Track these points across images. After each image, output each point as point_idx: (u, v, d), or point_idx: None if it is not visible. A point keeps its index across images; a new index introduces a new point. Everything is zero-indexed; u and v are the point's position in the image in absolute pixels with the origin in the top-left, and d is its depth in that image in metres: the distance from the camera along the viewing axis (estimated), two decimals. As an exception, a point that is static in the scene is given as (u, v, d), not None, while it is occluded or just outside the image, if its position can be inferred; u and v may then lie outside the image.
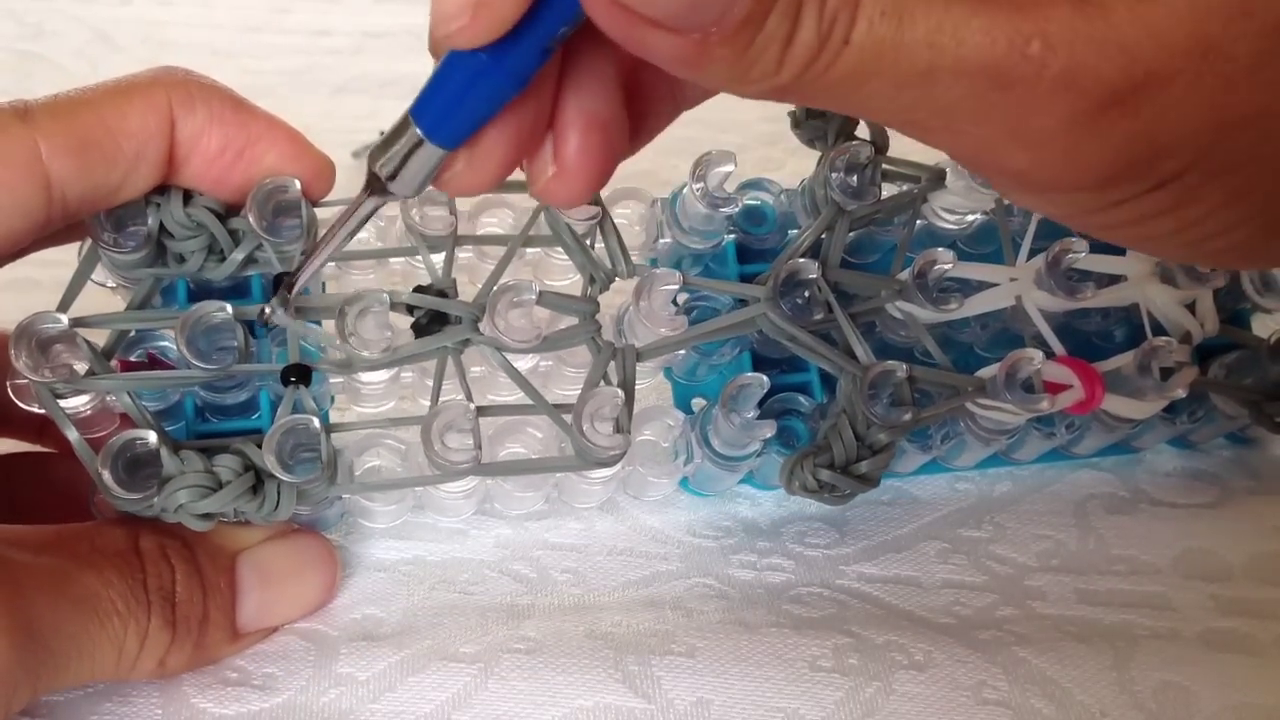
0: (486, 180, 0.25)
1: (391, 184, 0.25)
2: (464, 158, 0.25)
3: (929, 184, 0.35)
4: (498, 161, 0.25)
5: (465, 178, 0.25)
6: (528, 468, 0.32)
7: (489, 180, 0.25)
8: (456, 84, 0.23)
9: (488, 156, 0.25)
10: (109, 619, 0.28)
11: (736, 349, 0.35)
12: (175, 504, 0.29)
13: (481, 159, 0.25)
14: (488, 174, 0.25)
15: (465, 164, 0.25)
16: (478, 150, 0.24)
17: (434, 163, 0.24)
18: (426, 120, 0.24)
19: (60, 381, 0.29)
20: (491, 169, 0.25)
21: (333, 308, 0.30)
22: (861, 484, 0.32)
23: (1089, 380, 0.32)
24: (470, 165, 0.25)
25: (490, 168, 0.25)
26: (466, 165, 0.25)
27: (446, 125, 0.24)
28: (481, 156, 0.25)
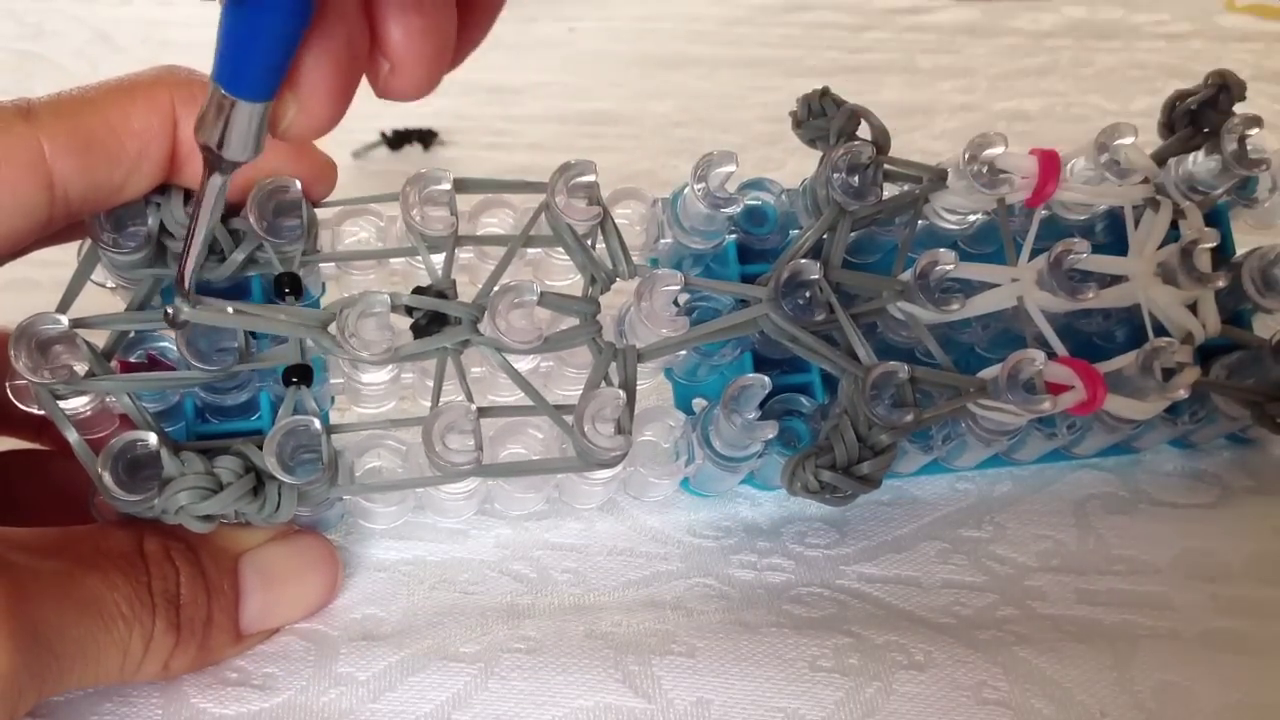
0: (325, 116, 0.25)
1: (225, 152, 0.25)
2: (291, 102, 0.24)
3: (930, 184, 0.35)
4: (327, 93, 0.24)
5: (301, 121, 0.25)
6: (529, 469, 0.32)
7: (327, 115, 0.25)
8: (239, 34, 0.23)
9: (313, 93, 0.24)
10: (114, 622, 0.28)
11: (738, 349, 0.35)
12: (176, 506, 0.29)
13: (309, 97, 0.24)
14: (322, 109, 0.25)
15: (295, 108, 0.24)
16: (302, 90, 0.24)
17: (258, 118, 0.24)
18: (226, 78, 0.24)
19: (60, 383, 0.29)
20: (324, 104, 0.25)
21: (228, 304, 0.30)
22: (863, 485, 0.32)
23: (1090, 381, 0.32)
24: (301, 107, 0.24)
25: (322, 103, 0.24)
26: (297, 109, 0.25)
27: (247, 78, 0.23)
28: (308, 95, 0.24)
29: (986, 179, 0.34)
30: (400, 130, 0.54)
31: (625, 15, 0.63)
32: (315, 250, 0.32)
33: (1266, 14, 0.63)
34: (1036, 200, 0.35)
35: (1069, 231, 0.37)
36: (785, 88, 0.36)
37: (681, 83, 0.59)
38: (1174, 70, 0.59)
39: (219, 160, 0.25)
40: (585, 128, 0.56)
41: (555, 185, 0.32)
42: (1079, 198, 0.35)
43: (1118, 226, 0.36)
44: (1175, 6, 0.63)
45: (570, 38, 0.62)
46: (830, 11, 0.63)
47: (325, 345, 0.30)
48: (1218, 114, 0.36)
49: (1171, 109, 0.37)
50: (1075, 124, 0.56)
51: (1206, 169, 0.36)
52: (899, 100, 0.57)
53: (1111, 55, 0.61)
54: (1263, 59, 0.60)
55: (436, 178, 0.31)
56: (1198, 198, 0.36)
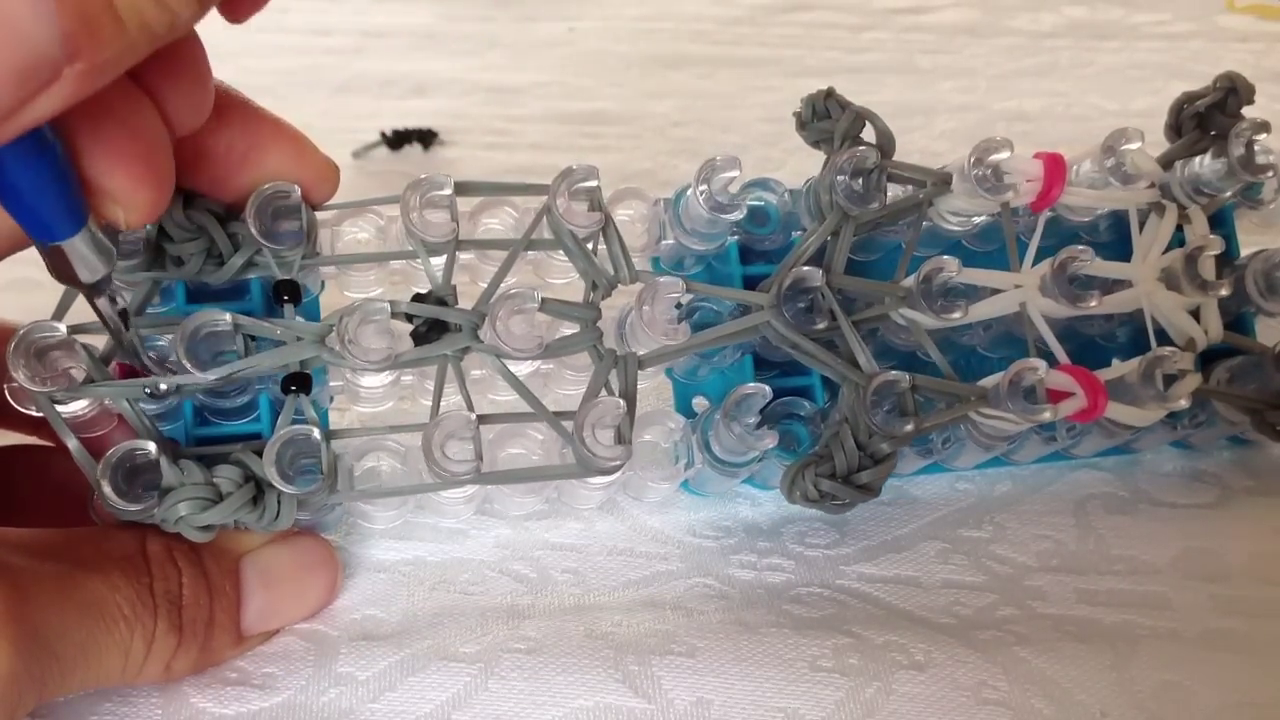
0: (148, 198, 0.25)
1: (84, 280, 0.25)
2: (110, 206, 0.25)
3: (934, 188, 0.34)
4: (132, 183, 0.24)
5: (133, 214, 0.25)
6: (528, 476, 0.32)
7: (149, 196, 0.25)
8: (6, 198, 0.23)
9: (120, 190, 0.24)
10: (115, 624, 0.28)
11: (739, 352, 0.35)
12: (175, 516, 0.29)
13: (121, 195, 0.25)
14: (141, 195, 0.25)
15: (118, 208, 0.25)
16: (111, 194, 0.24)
17: (87, 243, 0.25)
18: (36, 234, 0.24)
19: (59, 390, 0.29)
20: (138, 190, 0.25)
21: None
22: (863, 494, 0.32)
23: (1091, 389, 0.32)
24: (122, 204, 0.25)
25: (136, 191, 0.25)
26: (121, 208, 0.25)
27: (47, 225, 0.24)
28: (119, 194, 0.24)
29: (991, 183, 0.33)
30: (400, 130, 0.54)
31: (625, 15, 0.63)
32: (315, 254, 0.32)
33: (1266, 14, 0.63)
34: (1041, 204, 0.35)
35: (1073, 231, 0.37)
36: (785, 88, 0.36)
37: (681, 83, 0.59)
38: (1174, 70, 0.59)
39: (86, 288, 0.26)
40: (585, 128, 0.56)
41: (556, 190, 0.32)
42: (1084, 201, 0.35)
43: (1121, 225, 0.36)
44: (1175, 6, 0.63)
45: (570, 38, 0.62)
46: (830, 11, 0.63)
47: (324, 356, 0.30)
48: (1226, 117, 0.36)
49: (1179, 111, 0.37)
50: (1075, 124, 0.56)
51: (1213, 172, 0.36)
52: (899, 100, 0.57)
53: (1111, 55, 0.61)
54: (1263, 59, 0.60)
55: (438, 183, 0.31)
56: (1203, 200, 0.36)
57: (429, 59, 0.60)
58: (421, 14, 0.62)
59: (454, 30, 0.61)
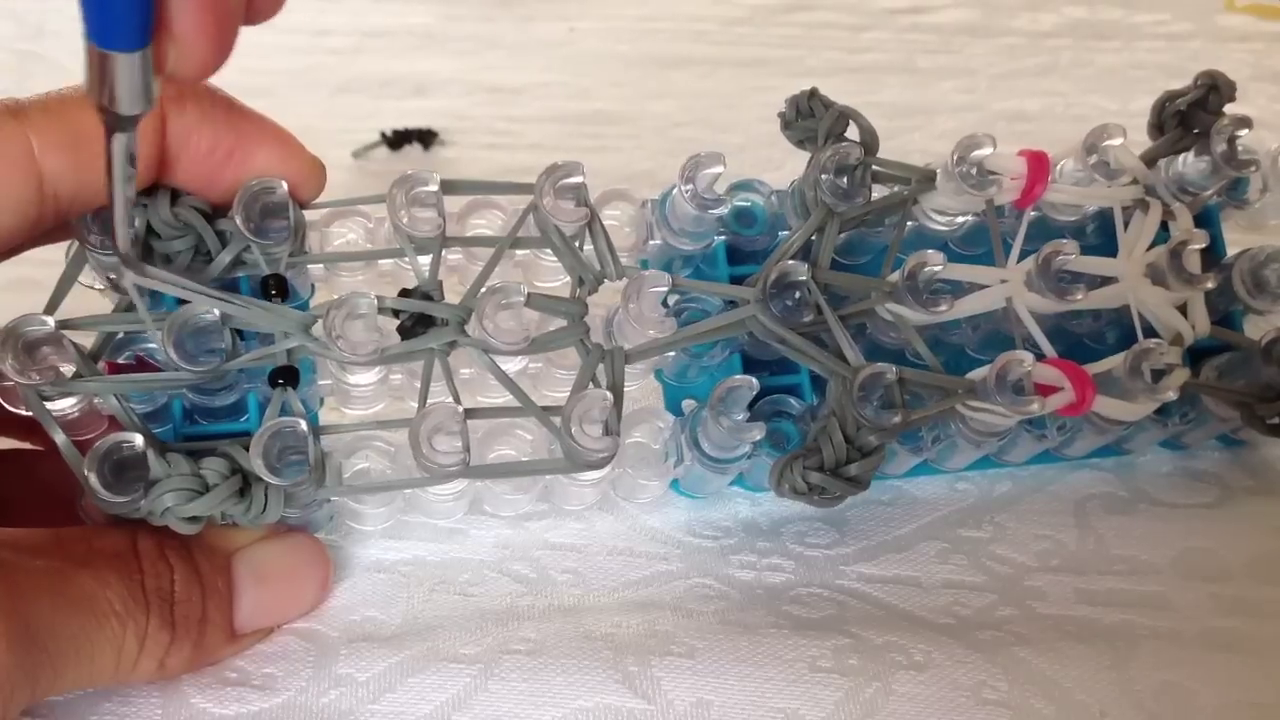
0: (204, 53, 0.24)
1: (117, 107, 0.24)
2: (169, 44, 0.24)
3: (919, 185, 0.35)
4: (200, 29, 0.24)
5: (184, 63, 0.24)
6: (516, 470, 0.32)
7: (207, 52, 0.25)
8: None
9: (186, 31, 0.24)
10: (107, 620, 0.28)
11: (727, 350, 0.35)
12: (162, 507, 0.29)
13: (183, 36, 0.24)
14: (199, 46, 0.24)
15: (174, 50, 0.24)
16: (175, 30, 0.24)
17: (139, 69, 0.24)
18: (96, 34, 0.23)
19: (47, 384, 0.29)
20: (200, 40, 0.24)
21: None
22: (851, 486, 0.32)
23: (1079, 382, 0.32)
24: (179, 48, 0.24)
25: (198, 39, 0.24)
26: (176, 51, 0.24)
27: (115, 30, 0.23)
28: (182, 34, 0.24)
29: (975, 180, 0.33)
30: (400, 130, 0.54)
31: (625, 15, 0.63)
32: (303, 251, 0.32)
33: (1266, 14, 0.63)
34: (1025, 201, 0.35)
35: (1059, 232, 0.37)
36: (785, 88, 0.36)
37: (681, 83, 0.59)
38: (1174, 70, 0.59)
39: (115, 118, 0.25)
40: (585, 128, 0.56)
41: (542, 187, 0.32)
42: (1068, 199, 0.35)
43: (1108, 227, 0.36)
44: (1175, 6, 0.63)
45: (570, 38, 0.61)
46: (830, 11, 0.63)
47: (309, 345, 0.30)
48: (1207, 115, 0.36)
49: (1161, 110, 0.37)
50: (1075, 124, 0.55)
51: (1196, 170, 0.36)
52: (899, 100, 0.57)
53: (1111, 55, 0.61)
54: (1263, 59, 0.60)
55: (423, 179, 0.31)
56: (1188, 199, 0.36)
57: (429, 59, 0.60)
58: (421, 14, 0.62)
59: (454, 30, 0.61)
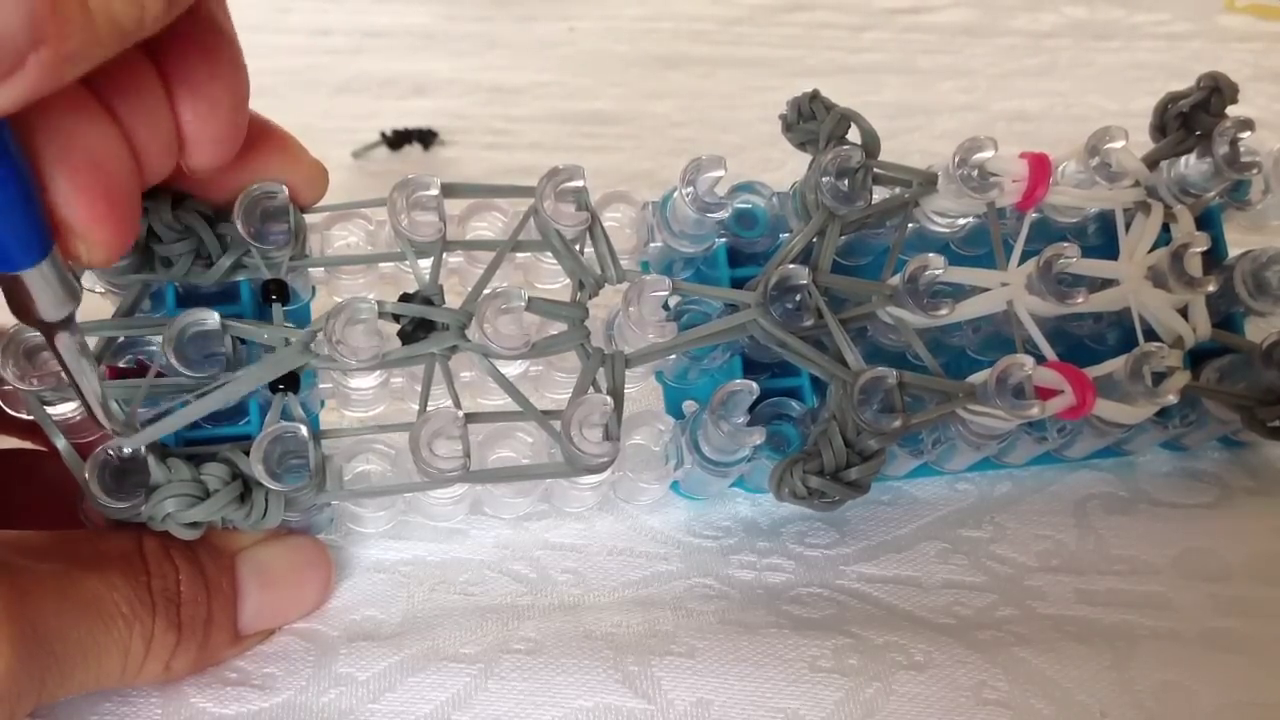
0: (112, 234, 0.24)
1: (47, 317, 0.24)
2: (73, 240, 0.24)
3: (920, 188, 0.34)
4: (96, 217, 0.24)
5: (96, 251, 0.24)
6: (516, 475, 0.32)
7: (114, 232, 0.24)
8: None
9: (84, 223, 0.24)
10: (113, 622, 0.28)
11: (728, 353, 0.35)
12: (162, 513, 0.29)
13: (84, 229, 0.24)
14: (105, 231, 0.24)
15: (81, 243, 0.24)
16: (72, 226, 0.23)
17: (50, 274, 0.23)
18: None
19: (48, 390, 0.29)
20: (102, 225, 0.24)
21: None
22: (851, 490, 0.32)
23: (1079, 386, 0.32)
24: (84, 239, 0.24)
25: (101, 225, 0.24)
26: (84, 243, 0.24)
27: (11, 252, 0.23)
28: (82, 227, 0.24)
29: (976, 182, 0.33)
30: (400, 130, 0.54)
31: (625, 15, 0.63)
32: (303, 255, 0.32)
33: (1266, 14, 0.63)
34: (1027, 204, 0.35)
35: (1060, 233, 0.37)
36: (785, 88, 0.36)
37: (681, 83, 0.59)
38: (1174, 70, 0.59)
39: (48, 326, 0.25)
40: (585, 128, 0.56)
41: (543, 190, 0.32)
42: (1070, 201, 0.35)
43: (1110, 227, 0.36)
44: (1175, 6, 0.63)
45: (570, 38, 0.61)
46: (830, 11, 0.63)
47: (313, 364, 0.30)
48: (1210, 116, 0.36)
49: (1163, 111, 0.37)
50: (1075, 124, 0.56)
51: (1198, 171, 0.36)
52: (899, 100, 0.57)
53: (1111, 55, 0.61)
54: (1263, 59, 0.60)
55: (424, 183, 0.31)
56: (1190, 200, 0.36)
57: (429, 59, 0.60)
58: (421, 14, 0.62)
59: (454, 30, 0.61)
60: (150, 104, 0.25)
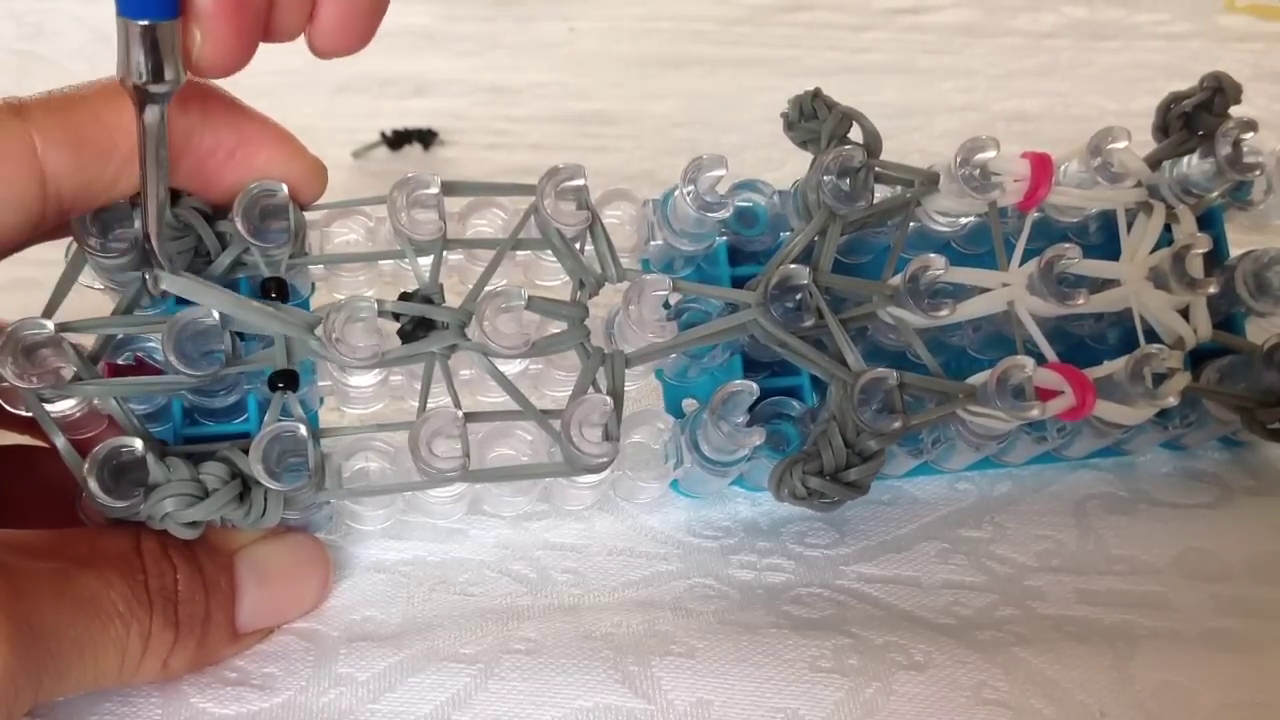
0: (229, 39, 0.26)
1: (150, 79, 0.25)
2: (195, 28, 0.25)
3: (922, 188, 0.34)
4: (224, 13, 0.25)
5: (209, 49, 0.26)
6: (515, 474, 0.32)
7: (232, 39, 0.26)
8: None
9: (211, 14, 0.25)
10: (111, 621, 0.28)
11: (728, 352, 0.35)
12: (161, 512, 0.29)
13: (208, 19, 0.25)
14: (224, 31, 0.25)
15: (200, 34, 0.25)
16: (199, 12, 0.25)
17: (167, 41, 0.25)
18: (128, 6, 0.24)
19: (47, 387, 0.29)
20: (224, 25, 0.25)
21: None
22: (850, 491, 0.32)
23: (1080, 387, 0.32)
24: (205, 32, 0.25)
25: (223, 24, 0.25)
26: (202, 35, 0.25)
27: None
28: (207, 17, 0.25)
29: (978, 182, 0.33)
30: (400, 130, 0.54)
31: (625, 15, 0.63)
32: (303, 253, 0.32)
33: (1266, 14, 0.63)
34: (1029, 204, 0.35)
35: (1062, 233, 0.37)
36: (785, 88, 0.36)
37: (681, 83, 0.59)
38: (1174, 70, 0.59)
39: (144, 93, 0.26)
40: (585, 128, 0.56)
41: (543, 189, 0.32)
42: (1071, 201, 0.35)
43: (1111, 227, 0.36)
44: (1175, 6, 0.63)
45: (570, 38, 0.62)
46: (830, 11, 0.63)
47: (312, 348, 0.30)
48: (1212, 117, 0.36)
49: (1166, 111, 0.37)
50: (1075, 124, 0.56)
51: (1201, 172, 0.36)
52: (899, 100, 0.57)
53: (1111, 55, 0.61)
54: (1263, 59, 0.60)
55: (424, 181, 0.31)
56: (1192, 200, 0.36)
57: (429, 59, 0.60)
58: (421, 14, 0.62)
59: (454, 30, 0.61)
60: None
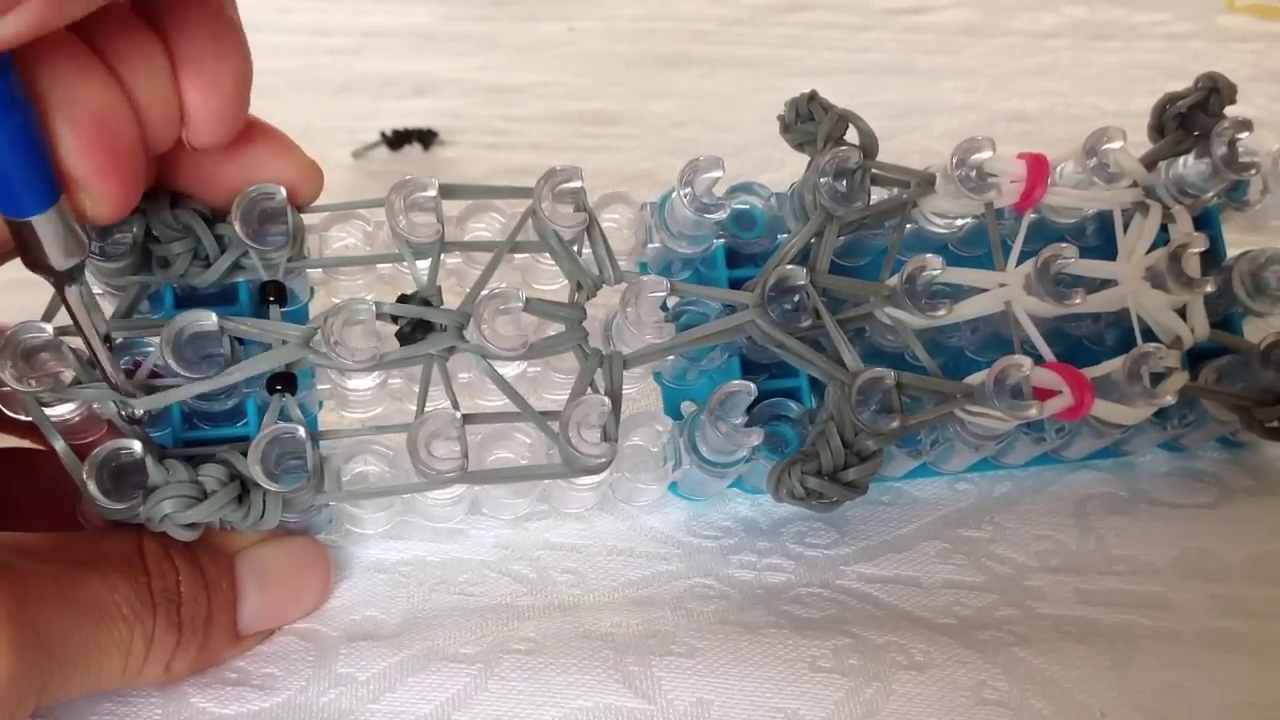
0: (116, 192, 0.25)
1: (56, 265, 0.25)
2: (79, 192, 0.24)
3: (918, 189, 0.34)
4: (100, 172, 0.24)
5: (101, 206, 0.25)
6: (514, 475, 0.32)
7: (118, 191, 0.25)
8: None
9: (89, 176, 0.24)
10: (114, 623, 0.28)
11: (726, 354, 0.35)
12: (160, 514, 0.29)
13: (89, 182, 0.24)
14: (109, 187, 0.25)
15: (86, 196, 0.25)
16: (78, 178, 0.24)
17: (56, 223, 0.24)
18: (7, 208, 0.24)
19: (45, 391, 0.29)
20: (106, 181, 0.25)
21: None
22: (849, 491, 0.32)
23: (1078, 386, 0.32)
24: (89, 193, 0.25)
25: (105, 181, 0.25)
26: (88, 197, 0.25)
27: (20, 198, 0.23)
28: (87, 180, 0.24)
29: (974, 183, 0.33)
30: (400, 130, 0.54)
31: (625, 15, 0.63)
32: (302, 256, 0.32)
33: (1266, 14, 0.63)
34: (1025, 204, 0.35)
35: (1059, 234, 0.37)
36: (785, 88, 0.36)
37: (681, 83, 0.59)
38: (1174, 70, 0.59)
39: (56, 274, 0.25)
40: (585, 128, 0.56)
41: (541, 191, 0.32)
42: (1068, 201, 0.35)
43: (1108, 228, 0.36)
44: (1175, 6, 0.63)
45: (570, 38, 0.61)
46: (830, 11, 0.63)
47: (312, 360, 0.30)
48: (1208, 117, 0.36)
49: (1161, 112, 0.37)
50: (1075, 124, 0.56)
51: (1197, 172, 0.36)
52: (899, 100, 0.57)
53: (1111, 55, 0.61)
54: (1263, 59, 0.60)
55: (422, 184, 0.31)
56: (1188, 201, 0.36)
57: (429, 59, 0.60)
58: (421, 14, 0.62)
59: (454, 30, 0.61)
60: (155, 73, 0.26)
